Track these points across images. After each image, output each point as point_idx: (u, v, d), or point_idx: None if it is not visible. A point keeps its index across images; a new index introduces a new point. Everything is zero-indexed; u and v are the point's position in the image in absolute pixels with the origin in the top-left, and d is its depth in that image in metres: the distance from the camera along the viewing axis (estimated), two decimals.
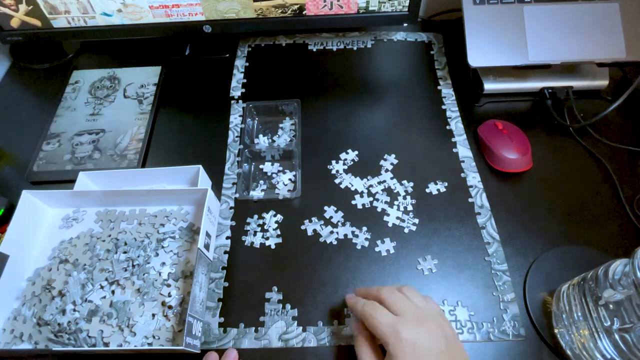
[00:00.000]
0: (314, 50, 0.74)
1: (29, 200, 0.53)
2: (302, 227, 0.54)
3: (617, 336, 0.38)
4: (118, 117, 0.66)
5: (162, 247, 0.51)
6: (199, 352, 0.45)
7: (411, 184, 0.57)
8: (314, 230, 0.54)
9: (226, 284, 0.51)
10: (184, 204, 0.56)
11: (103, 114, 0.67)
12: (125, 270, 0.49)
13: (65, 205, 0.56)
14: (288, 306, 0.49)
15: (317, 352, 0.46)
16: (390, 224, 0.54)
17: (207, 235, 0.50)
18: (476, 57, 0.61)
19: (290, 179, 0.59)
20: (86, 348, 0.45)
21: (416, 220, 0.54)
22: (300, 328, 0.47)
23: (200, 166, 0.55)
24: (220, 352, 0.46)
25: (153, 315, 0.47)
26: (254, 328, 0.47)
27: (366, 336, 0.41)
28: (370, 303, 0.41)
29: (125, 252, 0.50)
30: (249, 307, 0.49)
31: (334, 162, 0.60)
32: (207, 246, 0.50)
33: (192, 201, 0.55)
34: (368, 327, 0.40)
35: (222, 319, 0.48)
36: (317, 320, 0.48)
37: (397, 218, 0.55)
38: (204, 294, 0.48)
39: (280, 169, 0.60)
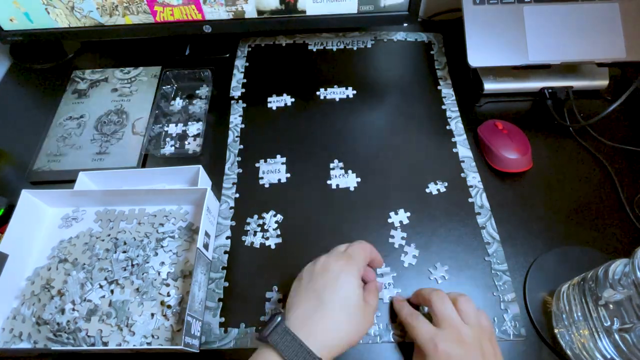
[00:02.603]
0: (314, 50, 0.74)
1: (29, 200, 0.53)
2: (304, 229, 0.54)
3: (617, 336, 0.37)
4: (125, 156, 0.62)
5: (162, 246, 0.51)
6: (198, 351, 0.45)
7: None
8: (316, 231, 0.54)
9: (226, 284, 0.51)
10: (183, 203, 0.56)
11: (110, 153, 0.62)
12: (125, 269, 0.49)
13: (65, 205, 0.56)
14: None
15: None
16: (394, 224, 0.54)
17: (206, 234, 0.50)
18: (476, 57, 0.61)
19: (196, 133, 0.63)
20: (85, 347, 0.45)
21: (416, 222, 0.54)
22: None
23: (200, 166, 0.55)
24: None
25: (152, 314, 0.47)
26: (254, 328, 0.47)
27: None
28: (414, 314, 0.44)
29: (124, 252, 0.50)
30: (250, 307, 0.49)
31: (334, 161, 0.60)
32: (206, 246, 0.50)
33: (191, 201, 0.55)
34: (410, 334, 0.43)
35: (223, 319, 0.48)
36: None
37: (399, 221, 0.55)
38: (203, 294, 0.48)
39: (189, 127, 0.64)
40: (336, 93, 0.68)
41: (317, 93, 0.68)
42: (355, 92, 0.68)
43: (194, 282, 0.45)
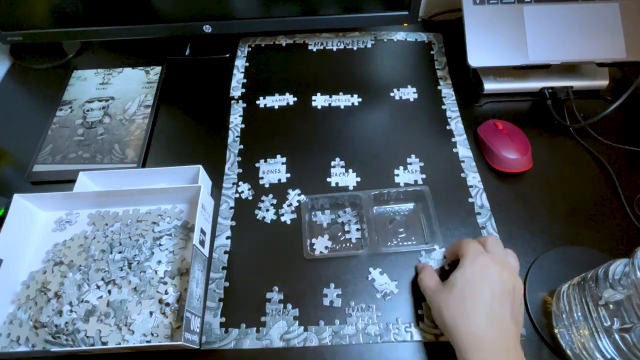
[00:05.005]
0: (314, 50, 0.74)
1: (21, 204, 0.53)
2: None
3: (617, 336, 0.38)
4: (126, 85, 0.70)
5: (159, 245, 0.51)
6: (199, 347, 0.46)
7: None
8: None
9: (227, 284, 0.51)
10: (177, 202, 0.56)
11: (112, 83, 0.71)
12: (121, 269, 0.49)
13: (58, 208, 0.56)
14: (289, 306, 0.49)
15: (318, 352, 0.46)
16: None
17: (202, 232, 0.50)
18: (476, 57, 0.61)
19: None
20: (84, 348, 0.45)
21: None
22: (302, 328, 0.47)
23: (200, 166, 0.54)
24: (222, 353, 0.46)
25: (151, 313, 0.47)
26: (255, 328, 0.47)
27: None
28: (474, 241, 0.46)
29: (120, 252, 0.50)
30: (250, 307, 0.49)
31: (335, 159, 0.60)
32: (202, 243, 0.50)
33: (185, 199, 0.55)
34: (461, 248, 0.45)
35: (224, 319, 0.48)
36: (319, 320, 0.48)
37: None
38: (200, 290, 0.48)
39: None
40: (336, 97, 0.68)
41: (317, 94, 0.68)
42: (355, 91, 0.68)
43: (191, 278, 0.45)
